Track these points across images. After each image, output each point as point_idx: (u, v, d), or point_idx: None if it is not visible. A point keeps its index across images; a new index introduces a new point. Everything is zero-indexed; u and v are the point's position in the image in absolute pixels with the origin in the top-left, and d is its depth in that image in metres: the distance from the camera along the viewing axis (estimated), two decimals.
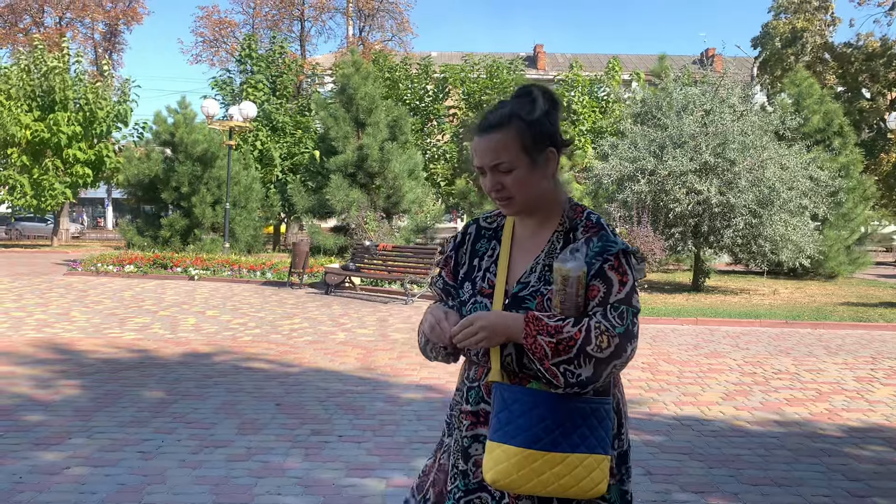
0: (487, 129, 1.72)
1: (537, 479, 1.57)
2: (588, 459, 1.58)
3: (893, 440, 5.02)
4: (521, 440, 1.58)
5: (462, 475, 1.72)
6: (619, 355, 1.60)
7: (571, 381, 1.58)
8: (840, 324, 10.82)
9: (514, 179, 1.70)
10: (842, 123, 19.95)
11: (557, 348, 1.57)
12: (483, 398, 1.72)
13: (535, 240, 1.77)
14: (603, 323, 1.60)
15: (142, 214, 23.12)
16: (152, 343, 8.16)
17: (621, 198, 14.65)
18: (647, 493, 3.91)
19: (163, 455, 4.35)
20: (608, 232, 1.72)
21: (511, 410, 1.61)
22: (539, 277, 1.71)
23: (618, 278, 1.65)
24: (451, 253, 1.87)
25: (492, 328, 1.61)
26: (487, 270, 1.78)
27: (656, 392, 6.28)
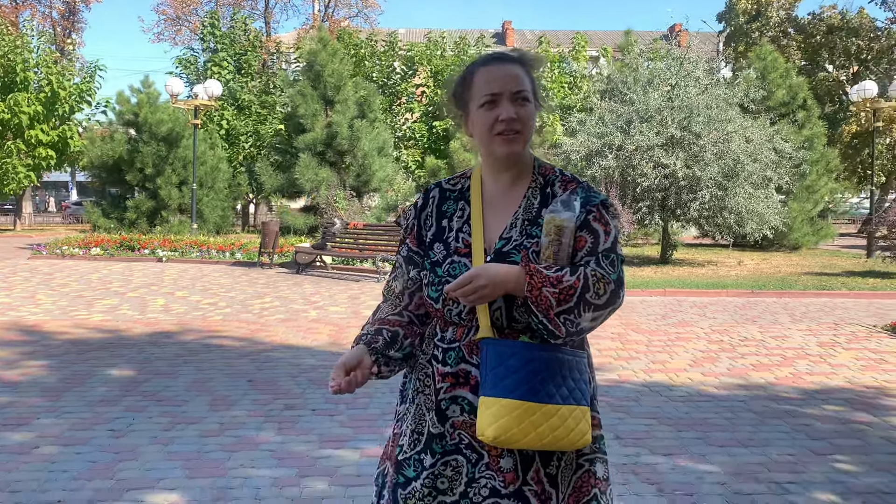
0: (504, 59, 1.72)
1: (535, 432, 1.58)
2: (576, 411, 1.61)
3: (854, 401, 5.17)
4: (520, 393, 1.57)
5: (438, 438, 1.69)
6: (613, 301, 1.64)
7: (571, 330, 1.60)
8: (804, 292, 11.06)
9: (528, 114, 1.70)
10: (806, 97, 20.25)
11: (560, 298, 1.58)
12: (464, 358, 1.68)
13: (509, 196, 1.77)
14: (598, 271, 1.62)
15: (107, 197, 22.73)
16: (121, 324, 8.07)
17: (590, 174, 14.73)
18: (618, 456, 3.99)
19: (134, 433, 4.33)
20: (586, 185, 1.75)
21: (507, 365, 1.60)
22: (520, 232, 1.71)
23: (602, 228, 1.68)
24: (414, 221, 1.84)
25: (494, 282, 1.60)
26: (460, 230, 1.76)
27: (625, 360, 6.38)
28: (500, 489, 1.64)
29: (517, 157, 1.75)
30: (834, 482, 3.67)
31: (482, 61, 1.75)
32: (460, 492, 1.66)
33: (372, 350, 1.71)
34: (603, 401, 5.07)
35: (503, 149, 1.71)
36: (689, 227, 16.01)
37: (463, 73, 1.79)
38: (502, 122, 1.68)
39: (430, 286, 1.74)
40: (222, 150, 24.44)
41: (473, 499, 1.65)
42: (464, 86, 1.77)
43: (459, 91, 1.79)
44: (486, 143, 1.73)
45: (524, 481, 1.64)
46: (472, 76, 1.74)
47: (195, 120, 19.11)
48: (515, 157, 1.75)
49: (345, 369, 1.64)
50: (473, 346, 1.67)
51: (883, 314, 9.10)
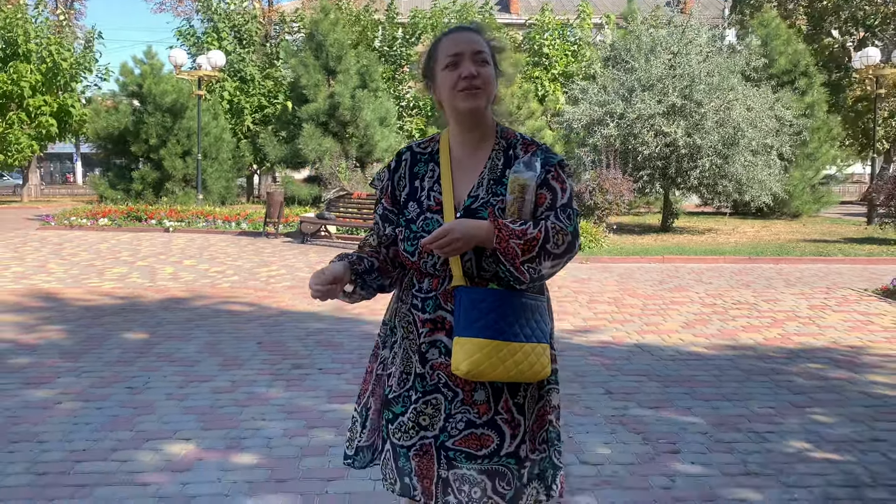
0: (465, 29, 1.95)
1: (503, 366, 1.79)
2: (537, 347, 1.84)
3: (837, 360, 5.39)
4: (490, 333, 1.79)
5: (420, 378, 1.91)
6: (570, 250, 1.84)
7: (534, 276, 1.82)
8: (801, 259, 11.25)
9: (488, 73, 1.90)
10: (808, 64, 20.20)
11: (524, 248, 1.78)
12: (440, 306, 1.90)
13: (475, 158, 1.96)
14: (557, 223, 1.82)
15: (113, 168, 22.89)
16: (132, 291, 8.32)
17: (591, 142, 14.85)
18: (607, 409, 4.22)
19: (150, 390, 4.58)
20: (545, 147, 1.96)
21: (479, 309, 1.81)
22: (486, 190, 1.91)
23: (559, 186, 1.89)
24: (388, 182, 2.02)
25: (467, 236, 1.79)
26: (431, 189, 1.95)
27: (620, 323, 6.60)
28: (475, 420, 1.87)
29: (479, 113, 1.92)
30: (809, 432, 3.90)
31: (445, 33, 1.96)
32: (440, 426, 1.89)
33: (353, 270, 1.94)
34: (596, 360, 5.31)
35: (465, 103, 1.89)
36: (690, 195, 16.15)
37: (429, 48, 1.99)
38: (464, 80, 1.87)
39: (405, 241, 1.94)
40: (225, 122, 24.50)
41: (451, 432, 1.87)
42: (430, 57, 1.97)
43: (427, 62, 1.98)
44: (450, 101, 1.92)
45: (496, 411, 1.88)
46: (437, 46, 1.95)
47: (199, 91, 19.20)
48: (478, 113, 1.92)
49: (327, 279, 1.87)
50: (448, 295, 1.89)
51: (876, 279, 9.29)
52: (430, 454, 1.89)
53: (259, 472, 3.33)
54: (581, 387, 4.64)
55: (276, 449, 3.61)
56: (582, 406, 4.27)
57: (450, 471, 1.88)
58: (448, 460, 1.88)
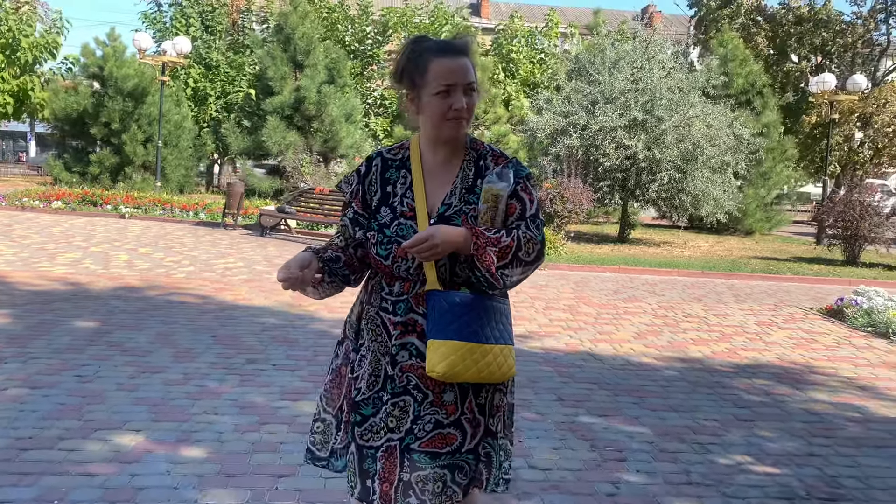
0: (459, 52, 1.95)
1: (475, 367, 1.87)
2: (505, 349, 1.93)
3: (781, 375, 5.57)
4: (465, 335, 1.86)
5: (390, 380, 1.95)
6: (539, 258, 1.93)
7: (507, 283, 1.90)
8: (751, 275, 11.55)
9: (474, 103, 1.96)
10: (764, 84, 20.71)
11: (500, 255, 1.86)
12: (412, 309, 1.94)
13: (447, 168, 2.02)
14: (528, 233, 1.91)
15: (69, 150, 22.35)
16: (84, 277, 8.16)
17: (554, 151, 15.03)
18: (557, 415, 4.30)
19: (101, 379, 4.52)
20: (516, 160, 2.05)
21: (453, 312, 1.87)
22: (460, 199, 1.98)
23: (528, 197, 1.98)
24: (358, 186, 2.05)
25: (446, 242, 1.85)
26: (404, 196, 1.99)
27: (574, 331, 6.71)
28: (443, 421, 1.93)
29: (460, 139, 2.02)
30: (751, 445, 4.03)
31: (437, 50, 1.95)
32: (406, 429, 1.93)
33: (320, 258, 1.97)
34: (549, 367, 5.40)
35: (452, 133, 1.97)
36: (648, 207, 16.45)
37: (414, 54, 1.97)
38: (455, 111, 1.92)
39: (378, 245, 1.97)
40: (188, 109, 24.13)
41: (418, 434, 1.92)
42: (417, 70, 1.95)
43: (411, 71, 1.97)
44: (436, 126, 1.96)
45: (461, 411, 1.95)
46: (428, 63, 1.93)
47: (163, 76, 18.88)
48: (459, 139, 2.02)
49: (295, 265, 1.89)
50: (420, 298, 1.94)
51: (821, 298, 9.57)
52: (394, 456, 1.93)
53: (209, 467, 3.32)
54: (533, 392, 4.72)
55: (227, 444, 3.61)
56: (533, 411, 4.34)
57: (412, 473, 1.92)
58: (411, 462, 1.92)
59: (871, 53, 31.46)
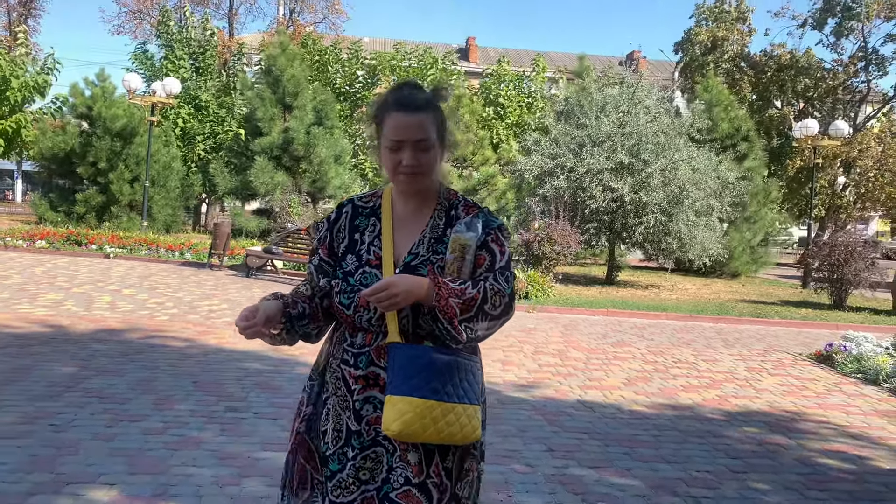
0: (414, 108, 1.89)
1: (434, 427, 1.77)
2: (469, 409, 1.82)
3: (773, 424, 5.48)
4: (423, 392, 1.77)
5: (356, 435, 1.88)
6: (507, 312, 1.86)
7: (471, 336, 1.82)
8: (739, 319, 11.51)
9: (430, 158, 1.91)
10: (749, 129, 21.00)
11: (463, 308, 1.79)
12: (373, 362, 1.87)
13: (417, 217, 1.98)
14: (495, 285, 1.84)
15: (55, 189, 22.23)
16: (65, 319, 8.01)
17: (542, 192, 15.08)
18: (548, 467, 4.19)
19: (76, 428, 4.37)
20: (486, 210, 2.00)
21: (414, 366, 1.79)
22: (427, 248, 1.92)
23: (498, 249, 1.92)
24: (326, 233, 2.01)
25: (406, 291, 1.78)
26: (371, 244, 1.95)
27: (563, 377, 6.62)
28: (411, 479, 1.85)
29: (418, 191, 1.97)
30: (745, 498, 3.93)
31: (395, 103, 1.91)
32: (382, 478, 1.86)
33: (286, 313, 1.91)
34: (538, 415, 5.29)
35: (404, 186, 1.95)
36: (635, 249, 16.47)
37: (381, 104, 1.96)
38: (405, 167, 1.89)
39: (341, 294, 1.91)
40: (177, 149, 24.13)
41: (394, 484, 1.85)
42: (379, 120, 1.94)
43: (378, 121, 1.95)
44: (390, 178, 1.95)
45: (427, 474, 1.86)
46: (386, 116, 1.91)
47: (152, 117, 18.90)
48: (417, 192, 1.97)
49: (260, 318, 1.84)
50: (381, 351, 1.87)
51: (810, 343, 9.54)
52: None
53: None
54: (523, 442, 4.61)
55: (206, 498, 3.47)
56: (523, 463, 4.23)
57: None
58: None
59: (851, 100, 32.03)
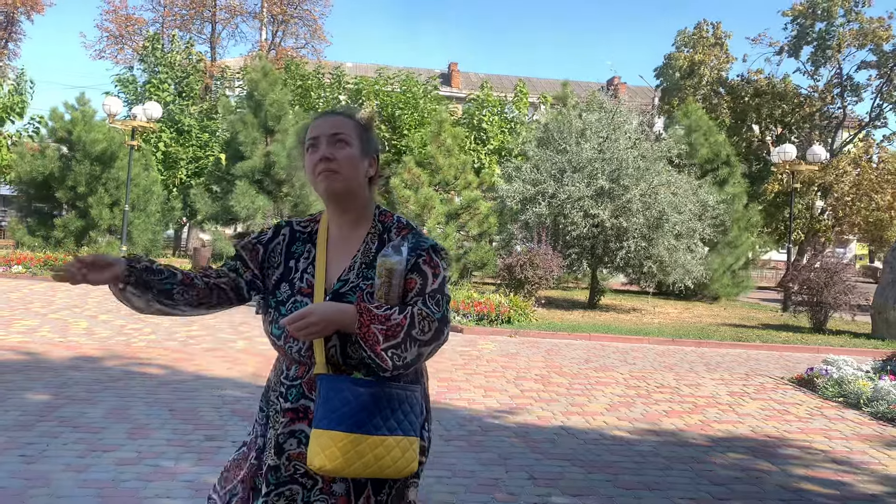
0: (329, 113, 1.94)
1: (360, 462, 1.70)
2: (403, 441, 1.75)
3: (756, 449, 5.46)
4: (347, 425, 1.71)
5: (273, 470, 1.81)
6: (437, 338, 1.78)
7: (398, 364, 1.73)
8: (721, 343, 11.53)
9: (346, 155, 1.87)
10: (729, 154, 21.25)
11: (387, 334, 1.71)
12: (304, 394, 1.82)
13: (350, 241, 1.92)
14: (424, 310, 1.77)
15: (33, 213, 22.00)
16: (40, 346, 7.86)
17: (523, 219, 15.11)
18: (530, 496, 4.14)
19: (47, 459, 4.26)
20: (418, 231, 1.94)
21: (338, 399, 1.73)
22: (357, 274, 1.87)
23: (431, 271, 1.84)
24: (258, 245, 1.97)
25: (326, 320, 1.72)
26: (305, 271, 1.90)
27: (546, 402, 6.57)
28: None
29: (341, 195, 1.90)
30: None
31: (314, 117, 1.95)
32: None
33: (131, 268, 1.80)
34: (521, 441, 5.24)
35: (322, 185, 1.88)
36: (616, 274, 16.52)
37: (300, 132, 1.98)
38: (321, 162, 1.86)
39: (273, 324, 1.86)
40: (157, 173, 24.01)
41: None
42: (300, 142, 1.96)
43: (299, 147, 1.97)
44: (313, 184, 1.90)
45: None
46: (304, 130, 1.95)
47: (132, 141, 18.80)
48: (339, 196, 1.90)
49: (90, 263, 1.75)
50: (312, 383, 1.81)
51: (791, 367, 9.57)
52: None
53: None
54: (505, 470, 4.55)
55: None
56: (505, 492, 4.17)
57: None
58: None
59: (828, 125, 32.56)
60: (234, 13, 39.40)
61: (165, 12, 38.32)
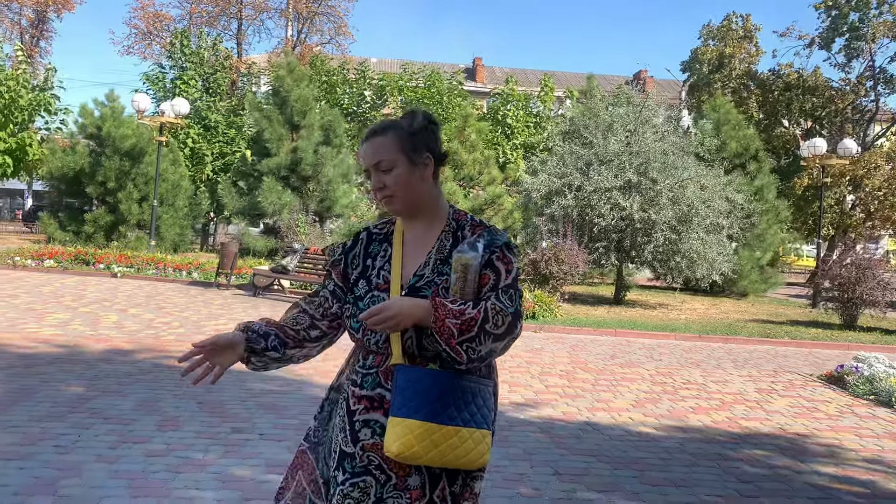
0: (370, 135, 1.99)
1: (436, 451, 1.75)
2: (476, 433, 1.80)
3: (784, 447, 5.40)
4: (423, 414, 1.75)
5: (349, 458, 1.85)
6: (511, 332, 1.83)
7: (473, 357, 1.79)
8: (749, 339, 11.41)
9: (395, 178, 1.93)
10: (758, 149, 20.95)
11: (462, 328, 1.77)
12: (380, 383, 1.87)
13: (425, 239, 1.99)
14: (497, 304, 1.82)
15: (64, 208, 22.37)
16: (72, 339, 8.00)
17: (549, 212, 15.04)
18: (555, 491, 4.13)
19: (79, 449, 4.34)
20: (492, 228, 1.99)
21: (414, 389, 1.78)
22: (433, 270, 1.93)
23: (504, 267, 1.90)
24: (341, 257, 2.06)
25: (403, 313, 1.79)
26: (382, 269, 1.98)
27: (571, 398, 6.55)
28: None
29: (401, 213, 2.01)
30: None
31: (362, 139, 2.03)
32: None
33: (248, 348, 1.95)
34: (546, 437, 5.23)
35: (386, 209, 2.00)
36: (643, 269, 16.38)
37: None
38: (376, 192, 1.98)
39: (352, 318, 1.94)
40: (185, 168, 24.28)
41: None
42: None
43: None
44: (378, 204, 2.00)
45: (430, 500, 1.83)
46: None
47: (160, 137, 19.03)
48: (400, 214, 2.02)
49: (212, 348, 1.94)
50: (389, 373, 1.86)
51: (820, 364, 9.44)
52: None
53: None
54: (530, 465, 4.55)
55: None
56: (530, 487, 4.17)
57: None
58: None
59: (860, 119, 31.97)
60: (260, 10, 39.67)
61: (192, 9, 38.69)
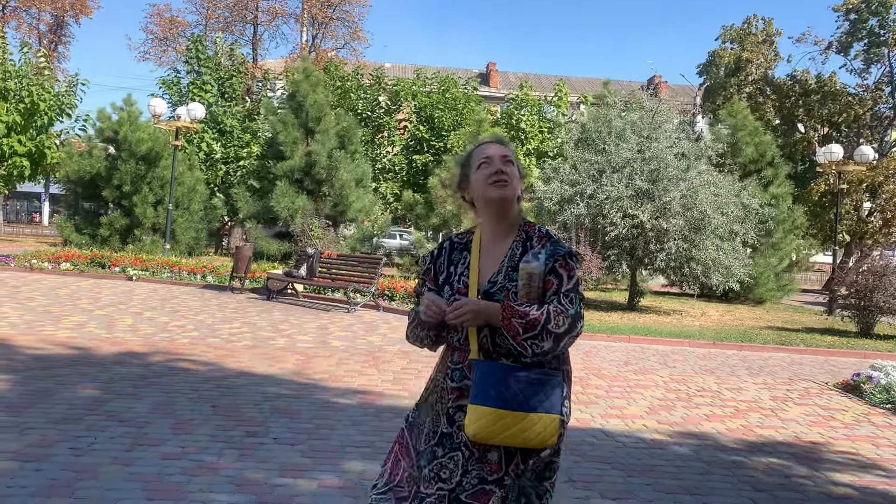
0: (495, 141, 2.40)
1: (507, 433, 2.09)
2: (544, 418, 2.12)
3: (799, 455, 5.36)
4: (494, 402, 2.10)
5: (448, 437, 2.22)
6: (571, 331, 2.14)
7: (537, 352, 2.12)
8: (764, 346, 11.33)
9: (513, 172, 2.31)
10: (774, 155, 20.82)
11: (526, 327, 2.10)
12: (466, 376, 2.23)
13: (499, 248, 2.31)
14: (559, 307, 2.14)
15: (81, 211, 22.57)
16: (87, 342, 8.07)
17: (561, 219, 15.01)
18: (568, 498, 4.12)
19: (95, 452, 4.38)
20: (556, 240, 2.31)
21: (485, 380, 2.13)
22: (504, 276, 2.25)
23: (566, 273, 2.21)
24: (430, 265, 2.40)
25: (476, 311, 2.14)
26: (461, 275, 2.32)
27: (584, 405, 6.53)
28: (487, 477, 2.17)
29: (508, 202, 2.29)
30: None
31: (477, 145, 2.42)
32: (457, 481, 2.18)
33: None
34: None
35: (496, 192, 2.27)
36: (657, 275, 16.31)
37: (463, 160, 2.42)
38: (494, 174, 2.28)
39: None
40: (200, 172, 24.44)
41: (465, 486, 2.17)
42: (465, 164, 2.39)
43: (464, 170, 2.40)
44: (483, 192, 2.29)
45: (506, 472, 2.18)
46: (471, 155, 2.40)
47: (176, 141, 19.16)
48: (506, 203, 2.29)
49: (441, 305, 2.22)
50: (471, 367, 2.21)
51: (836, 372, 9.36)
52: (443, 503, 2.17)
53: None
54: None
55: None
56: None
57: None
58: None
59: (878, 125, 31.71)
60: (276, 15, 39.91)
61: (208, 15, 39.01)
